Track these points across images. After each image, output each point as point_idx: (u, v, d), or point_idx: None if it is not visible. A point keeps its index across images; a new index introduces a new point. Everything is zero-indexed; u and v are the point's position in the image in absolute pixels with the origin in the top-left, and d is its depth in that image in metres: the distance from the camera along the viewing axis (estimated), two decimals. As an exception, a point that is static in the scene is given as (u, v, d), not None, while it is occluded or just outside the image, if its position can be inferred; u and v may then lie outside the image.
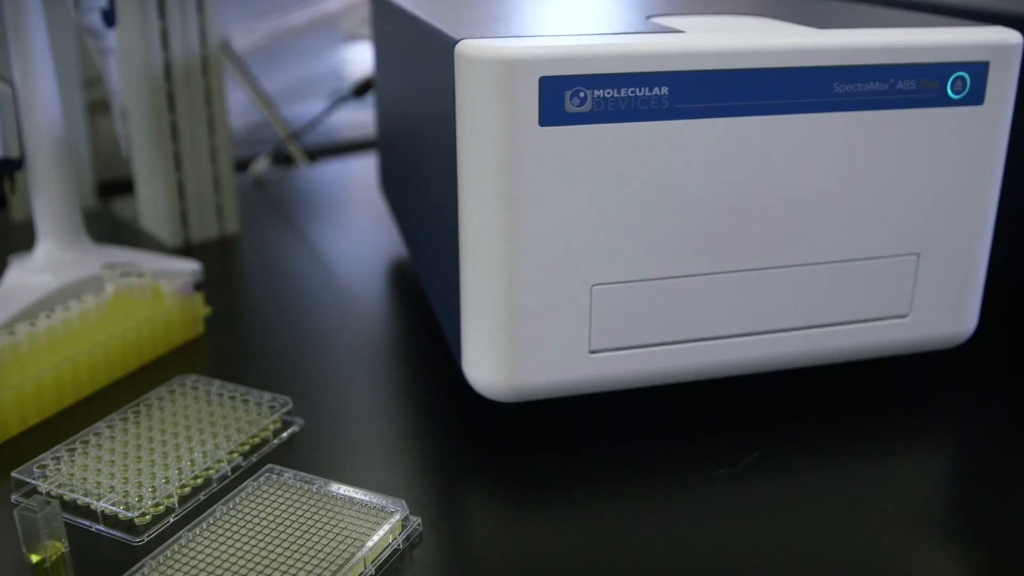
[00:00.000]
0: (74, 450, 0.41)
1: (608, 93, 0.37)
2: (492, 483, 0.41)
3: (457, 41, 0.37)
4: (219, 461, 0.41)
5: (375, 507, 0.37)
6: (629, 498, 0.39)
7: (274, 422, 0.44)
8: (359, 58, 1.30)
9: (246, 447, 0.42)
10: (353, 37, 1.36)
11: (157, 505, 0.38)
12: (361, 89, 0.82)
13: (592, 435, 0.43)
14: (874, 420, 0.45)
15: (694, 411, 0.45)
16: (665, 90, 0.37)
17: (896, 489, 0.40)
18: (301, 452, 0.42)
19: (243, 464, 0.41)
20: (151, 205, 0.68)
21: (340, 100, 0.85)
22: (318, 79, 1.28)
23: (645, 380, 0.42)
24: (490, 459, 0.42)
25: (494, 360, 0.40)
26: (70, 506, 0.38)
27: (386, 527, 0.36)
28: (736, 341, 0.42)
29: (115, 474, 0.39)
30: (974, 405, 0.46)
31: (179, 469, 0.40)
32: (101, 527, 0.37)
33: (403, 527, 0.36)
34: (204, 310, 0.54)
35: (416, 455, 0.42)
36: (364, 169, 0.88)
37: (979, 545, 0.36)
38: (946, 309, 0.45)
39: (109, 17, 0.56)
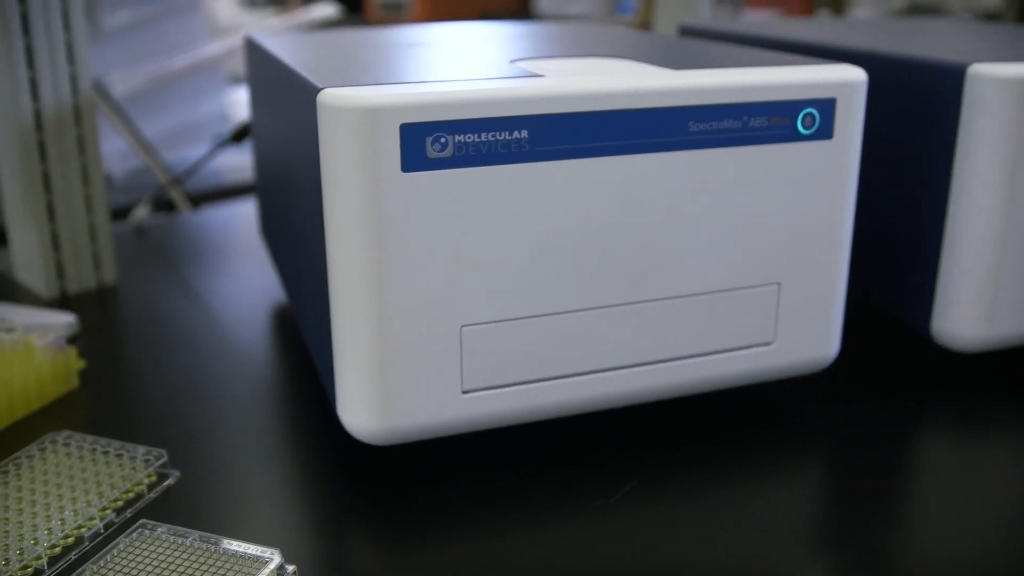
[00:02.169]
0: (-62, 515, 0.40)
1: (469, 138, 0.38)
2: (370, 527, 0.41)
3: (319, 90, 0.38)
4: (91, 519, 0.40)
5: (249, 557, 0.37)
6: (509, 534, 0.40)
7: (148, 475, 0.43)
8: (245, 100, 1.29)
9: (119, 503, 0.41)
10: (237, 79, 1.35)
11: (25, 568, 0.37)
12: (239, 134, 0.82)
13: (469, 473, 0.44)
14: (745, 445, 0.46)
15: (569, 444, 0.46)
16: (525, 133, 0.38)
17: (770, 510, 0.41)
18: (177, 505, 0.42)
19: (116, 520, 0.40)
20: (25, 256, 0.67)
21: (220, 145, 0.85)
22: (204, 122, 1.28)
23: (519, 417, 0.42)
24: (368, 503, 0.42)
25: (367, 404, 0.40)
26: (-67, 573, 0.37)
27: (261, 577, 0.35)
28: (607, 375, 0.43)
29: (-19, 538, 0.38)
30: (840, 426, 0.48)
31: (49, 529, 0.39)
32: (-35, 593, 0.36)
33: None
34: (78, 364, 0.53)
35: (294, 502, 0.42)
36: (248, 214, 0.88)
37: (852, 561, 0.38)
38: (809, 335, 0.46)
39: (-27, 68, 0.55)
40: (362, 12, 3.49)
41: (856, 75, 0.44)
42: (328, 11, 1.36)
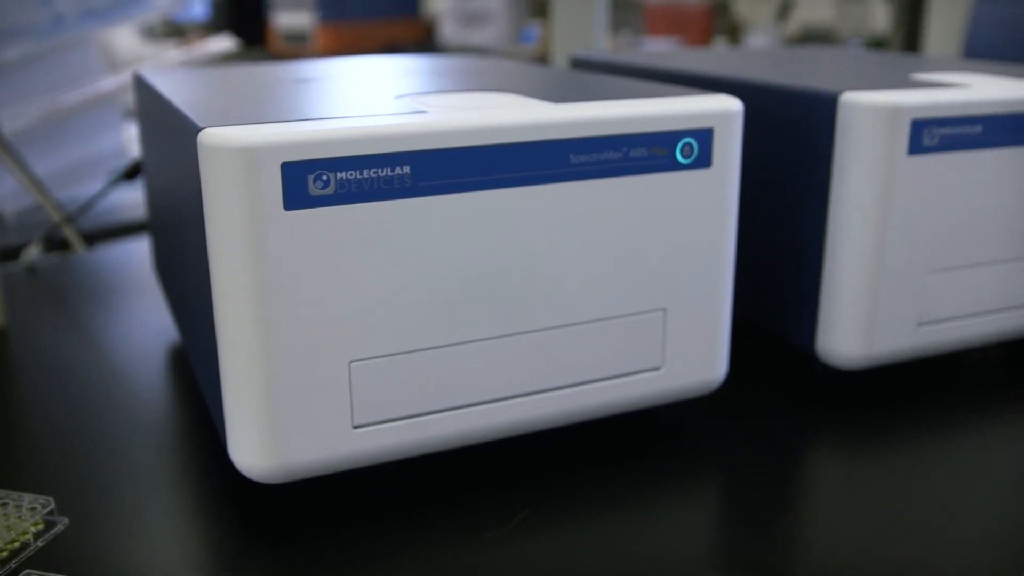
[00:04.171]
0: None
1: (351, 175, 0.38)
2: (265, 568, 0.40)
3: (200, 129, 0.38)
4: (-27, 571, 0.39)
5: (137, 604, 0.36)
6: (405, 567, 0.40)
7: (35, 524, 0.42)
8: (142, 135, 1.28)
9: (4, 553, 0.40)
10: (132, 115, 1.34)
11: (-98, 625, 0.36)
12: (132, 172, 0.81)
13: (364, 508, 0.44)
14: (638, 468, 0.47)
15: (462, 475, 0.46)
16: (407, 169, 0.39)
17: (665, 531, 0.42)
18: (66, 553, 0.41)
19: (0, 572, 0.40)
20: (-92, 302, 0.65)
21: (113, 182, 0.84)
22: (101, 158, 1.25)
23: (411, 450, 0.43)
24: (263, 543, 0.42)
25: (257, 442, 0.40)
26: None
27: (148, 624, 0.35)
28: (498, 405, 0.43)
29: None
30: (731, 446, 0.49)
31: (-72, 584, 0.38)
32: None
33: (167, 622, 0.36)
34: (-37, 411, 0.52)
35: (186, 545, 0.42)
36: (144, 252, 0.87)
37: (729, 582, 0.39)
38: (697, 359, 0.48)
39: None
40: (266, 43, 3.47)
41: (732, 105, 0.45)
42: (227, 44, 1.36)
